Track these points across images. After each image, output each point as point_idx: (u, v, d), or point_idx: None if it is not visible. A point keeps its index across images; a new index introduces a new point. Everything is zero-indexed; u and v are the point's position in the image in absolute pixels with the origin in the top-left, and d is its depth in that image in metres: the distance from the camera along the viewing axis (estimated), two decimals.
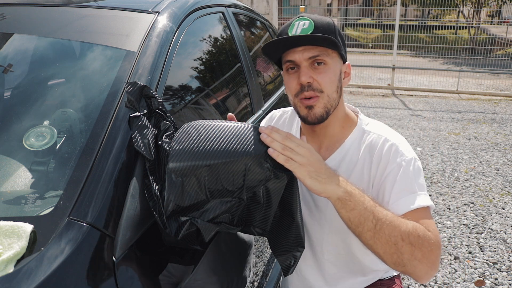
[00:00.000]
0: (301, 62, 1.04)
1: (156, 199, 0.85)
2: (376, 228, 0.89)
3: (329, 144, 1.15)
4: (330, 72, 1.05)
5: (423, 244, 0.89)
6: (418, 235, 0.90)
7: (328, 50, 1.04)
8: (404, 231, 0.89)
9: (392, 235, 0.88)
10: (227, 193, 0.85)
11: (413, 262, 0.89)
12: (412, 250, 0.89)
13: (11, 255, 0.69)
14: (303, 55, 1.03)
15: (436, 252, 0.91)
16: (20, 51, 1.25)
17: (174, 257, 0.94)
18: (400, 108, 7.00)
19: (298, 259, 0.98)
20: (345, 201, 0.89)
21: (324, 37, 0.99)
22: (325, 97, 1.04)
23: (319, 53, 1.03)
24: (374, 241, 0.89)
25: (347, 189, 0.89)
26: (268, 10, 8.12)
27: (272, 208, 0.90)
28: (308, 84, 1.03)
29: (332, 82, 1.05)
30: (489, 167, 4.24)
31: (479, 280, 2.46)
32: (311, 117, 1.06)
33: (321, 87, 1.04)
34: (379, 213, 0.90)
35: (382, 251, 0.90)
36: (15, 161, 0.94)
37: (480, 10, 12.55)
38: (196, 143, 0.83)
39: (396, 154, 1.04)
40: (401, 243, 0.88)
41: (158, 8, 1.26)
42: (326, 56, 1.04)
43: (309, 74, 1.03)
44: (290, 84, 1.08)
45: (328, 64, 1.04)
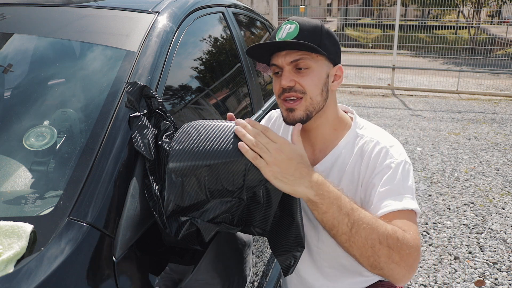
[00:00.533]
0: (283, 66, 1.04)
1: (156, 199, 0.85)
2: (351, 232, 0.87)
3: (322, 146, 1.15)
4: (314, 76, 1.04)
5: (402, 247, 0.87)
6: (397, 238, 0.88)
7: (311, 54, 1.04)
8: (382, 233, 0.87)
9: (369, 238, 0.86)
10: (227, 193, 0.85)
11: (391, 265, 0.87)
12: (389, 253, 0.87)
13: (11, 255, 0.69)
14: (285, 59, 1.04)
15: (414, 255, 0.89)
16: (20, 51, 1.25)
17: (174, 257, 0.94)
18: (400, 108, 7.00)
19: (298, 259, 0.98)
20: (316, 203, 0.87)
21: (300, 43, 0.99)
22: (308, 99, 1.04)
23: (300, 56, 1.03)
24: (349, 244, 0.88)
25: (319, 192, 0.86)
26: (268, 10, 8.12)
27: (272, 208, 0.90)
28: (289, 87, 1.04)
29: (315, 85, 1.04)
30: (489, 167, 4.24)
31: (479, 280, 2.46)
32: (289, 118, 1.06)
33: (304, 89, 1.04)
34: (355, 216, 0.87)
35: (358, 253, 0.88)
36: (15, 161, 0.94)
37: (480, 10, 12.55)
38: (196, 143, 0.83)
39: (386, 156, 1.04)
40: (378, 246, 0.86)
41: (158, 8, 1.26)
42: (309, 60, 1.03)
43: (291, 78, 1.03)
44: (274, 87, 1.09)
45: (311, 67, 1.04)
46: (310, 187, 0.86)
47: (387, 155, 1.04)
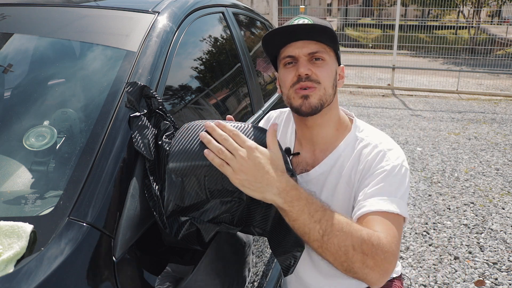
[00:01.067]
0: (300, 56, 1.05)
1: (156, 199, 0.85)
2: (323, 239, 0.85)
3: (323, 147, 1.14)
4: (328, 68, 1.06)
5: (376, 252, 0.86)
6: (371, 243, 0.86)
7: (326, 48, 1.06)
8: (357, 239, 0.86)
9: (342, 244, 0.85)
10: (227, 193, 0.85)
11: (365, 270, 0.86)
12: (363, 258, 0.86)
13: (11, 255, 0.69)
14: (302, 50, 1.05)
15: (389, 260, 0.88)
16: (20, 51, 1.25)
17: (174, 257, 0.94)
18: (400, 108, 7.00)
19: (298, 259, 0.98)
20: (285, 211, 0.85)
21: (324, 27, 1.01)
22: (322, 89, 1.05)
23: (318, 49, 1.05)
24: (322, 250, 0.86)
25: (288, 199, 0.84)
26: (268, 10, 8.12)
27: (272, 208, 0.90)
28: (306, 75, 1.04)
29: (329, 77, 1.07)
30: (489, 167, 4.24)
31: (479, 280, 2.46)
32: (305, 106, 1.05)
33: (319, 79, 1.05)
34: (327, 223, 0.86)
35: (331, 259, 0.87)
36: (15, 161, 0.94)
37: (480, 10, 12.55)
38: (196, 143, 0.83)
39: (382, 159, 1.03)
40: (352, 252, 0.85)
41: (158, 8, 1.26)
42: (325, 54, 1.06)
43: (308, 67, 1.04)
44: (286, 77, 1.08)
45: (326, 60, 1.06)
46: (277, 194, 0.84)
47: (383, 158, 1.03)
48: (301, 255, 0.98)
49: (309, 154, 1.16)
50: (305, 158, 1.17)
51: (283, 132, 1.28)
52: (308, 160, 1.16)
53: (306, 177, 1.14)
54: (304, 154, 1.17)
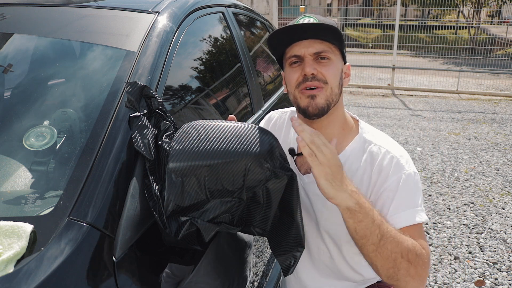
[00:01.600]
0: (305, 56, 1.04)
1: (156, 199, 0.85)
2: (380, 243, 0.90)
3: None
4: (334, 67, 1.06)
5: (418, 262, 0.92)
6: (416, 253, 0.92)
7: (332, 47, 1.05)
8: (405, 248, 0.91)
9: (393, 251, 0.90)
10: (227, 193, 0.85)
11: (407, 278, 0.91)
12: (408, 267, 0.91)
13: (11, 255, 0.69)
14: (308, 49, 1.04)
15: (427, 270, 0.94)
16: (20, 51, 1.25)
17: (174, 257, 0.94)
18: (400, 108, 7.00)
19: (298, 259, 0.98)
20: (355, 212, 0.89)
21: (330, 26, 1.01)
22: (328, 89, 1.04)
23: (324, 49, 1.04)
24: (375, 255, 0.90)
25: (359, 201, 0.89)
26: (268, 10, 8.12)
27: (272, 208, 0.90)
28: (312, 75, 1.03)
29: (335, 76, 1.06)
30: (489, 167, 4.24)
31: (479, 280, 2.46)
32: (312, 107, 1.04)
33: (326, 78, 1.04)
34: (385, 228, 0.91)
35: (380, 264, 0.91)
36: (15, 161, 0.94)
37: (480, 10, 12.55)
38: (196, 143, 0.83)
39: (397, 167, 1.04)
40: (400, 259, 0.90)
41: (158, 8, 1.26)
42: (331, 53, 1.05)
43: (314, 66, 1.03)
44: (292, 76, 1.07)
45: (332, 59, 1.05)
46: (351, 195, 0.88)
47: (398, 166, 1.04)
48: (301, 255, 0.98)
49: None
50: None
51: (286, 132, 1.27)
52: None
53: (312, 177, 1.14)
54: None
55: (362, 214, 0.89)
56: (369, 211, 0.90)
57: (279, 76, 2.54)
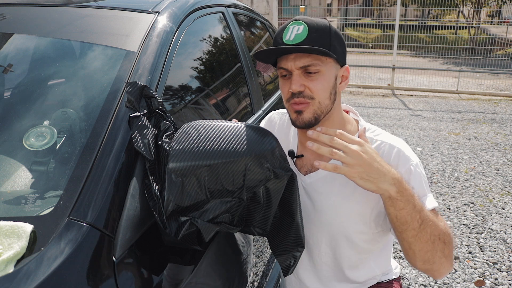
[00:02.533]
0: (293, 70, 1.02)
1: (156, 199, 0.85)
2: (420, 228, 0.92)
3: None
4: (323, 80, 1.03)
5: (451, 242, 0.97)
6: (449, 234, 0.97)
7: (321, 58, 1.02)
8: (441, 230, 0.95)
9: (432, 234, 0.94)
10: (227, 193, 0.85)
11: (442, 259, 0.96)
12: (443, 248, 0.95)
13: (11, 255, 0.69)
14: (294, 63, 1.01)
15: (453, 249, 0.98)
16: (20, 51, 1.25)
17: (174, 257, 0.94)
18: (400, 108, 7.00)
19: (298, 259, 0.98)
20: (396, 200, 0.90)
21: (313, 49, 0.98)
22: (316, 104, 1.03)
23: (311, 62, 1.00)
24: (415, 239, 0.93)
25: (400, 188, 0.90)
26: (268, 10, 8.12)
27: (272, 208, 0.90)
28: (299, 92, 1.02)
29: (324, 90, 1.03)
30: (489, 167, 4.24)
31: (479, 280, 2.46)
32: (299, 121, 1.05)
33: (313, 94, 1.02)
34: (425, 213, 0.93)
35: (418, 248, 0.94)
36: (15, 161, 0.94)
37: (480, 10, 12.55)
38: (196, 143, 0.83)
39: (404, 159, 1.05)
40: (437, 241, 0.94)
41: (158, 8, 1.26)
42: (319, 65, 1.01)
43: (300, 82, 1.02)
44: (282, 90, 1.08)
45: (321, 71, 1.02)
46: (392, 184, 0.90)
47: (405, 158, 1.06)
48: (300, 255, 0.98)
49: (313, 155, 1.15)
50: (310, 159, 1.16)
51: (285, 133, 1.27)
52: (312, 161, 1.15)
53: (314, 176, 1.14)
54: (308, 156, 1.17)
55: (404, 201, 0.90)
56: (410, 197, 0.91)
57: None
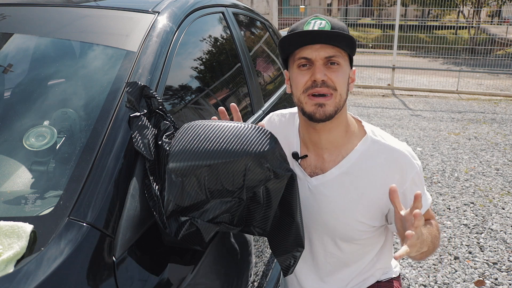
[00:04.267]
0: (316, 60, 1.03)
1: (156, 199, 0.85)
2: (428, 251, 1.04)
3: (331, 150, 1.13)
4: (343, 73, 1.05)
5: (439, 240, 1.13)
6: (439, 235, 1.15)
7: (342, 52, 1.04)
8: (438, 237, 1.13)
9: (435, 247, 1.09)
10: (227, 193, 0.85)
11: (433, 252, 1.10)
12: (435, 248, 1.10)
13: (11, 255, 0.69)
14: (319, 53, 1.02)
15: None
16: (20, 51, 1.25)
17: (174, 257, 0.94)
18: (400, 108, 7.00)
19: (297, 259, 0.98)
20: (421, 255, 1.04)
21: (346, 35, 1.00)
22: (338, 96, 1.04)
23: (335, 53, 1.03)
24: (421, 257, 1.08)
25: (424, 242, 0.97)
26: (268, 10, 8.12)
27: (272, 208, 0.90)
28: (323, 81, 1.02)
29: (344, 83, 1.05)
30: (489, 167, 4.24)
31: (479, 280, 2.46)
32: (319, 113, 1.04)
33: (335, 85, 1.03)
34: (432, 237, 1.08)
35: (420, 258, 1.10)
36: (15, 161, 0.94)
37: (480, 10, 12.54)
38: (196, 143, 0.83)
39: (410, 165, 1.10)
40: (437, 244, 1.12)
41: (158, 8, 1.26)
42: (341, 58, 1.04)
43: (324, 72, 1.02)
44: (300, 80, 1.06)
45: (342, 65, 1.04)
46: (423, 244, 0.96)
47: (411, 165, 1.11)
48: (300, 255, 0.98)
49: (316, 157, 1.15)
50: (313, 161, 1.16)
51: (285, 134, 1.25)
52: (316, 162, 1.15)
53: (321, 178, 1.13)
54: (311, 156, 1.16)
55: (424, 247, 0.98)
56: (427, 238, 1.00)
57: (279, 76, 2.53)
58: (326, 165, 1.13)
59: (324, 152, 1.14)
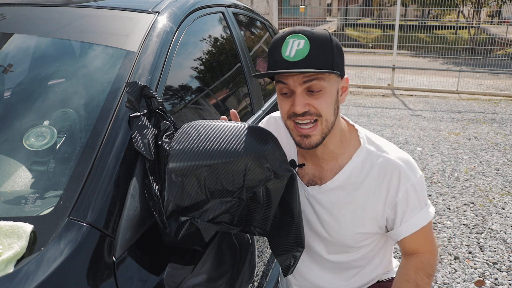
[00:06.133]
0: (295, 87, 0.96)
1: (156, 199, 0.85)
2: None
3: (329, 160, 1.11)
4: (327, 96, 0.97)
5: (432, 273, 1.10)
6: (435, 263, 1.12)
7: (324, 73, 0.96)
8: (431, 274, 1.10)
9: None
10: (227, 193, 0.85)
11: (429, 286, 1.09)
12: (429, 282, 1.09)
13: (11, 255, 0.69)
14: (298, 80, 0.95)
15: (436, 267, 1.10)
16: (20, 51, 1.25)
17: (174, 257, 0.94)
18: (400, 108, 7.00)
19: (297, 259, 0.98)
20: None
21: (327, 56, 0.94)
22: (323, 122, 0.99)
23: (314, 77, 0.95)
24: None
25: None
26: (268, 10, 8.12)
27: (272, 208, 0.90)
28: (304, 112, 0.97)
29: (329, 106, 0.98)
30: (489, 167, 4.24)
31: (479, 280, 2.46)
32: (305, 144, 1.01)
33: (319, 111, 0.97)
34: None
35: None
36: (15, 161, 0.94)
37: (480, 10, 12.54)
38: (196, 143, 0.83)
39: (405, 177, 1.06)
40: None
41: (158, 8, 1.26)
42: (322, 81, 0.96)
43: (304, 102, 0.96)
44: (283, 107, 1.01)
45: (325, 88, 0.97)
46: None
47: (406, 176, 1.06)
48: (300, 255, 0.98)
49: (314, 166, 1.14)
50: (311, 169, 1.15)
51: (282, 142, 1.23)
52: (314, 172, 1.14)
53: (318, 189, 1.13)
54: (309, 166, 1.15)
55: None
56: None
57: None
58: (324, 174, 1.12)
59: (322, 162, 1.12)
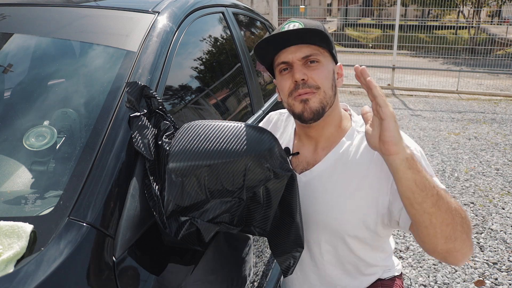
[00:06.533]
0: (294, 61, 1.04)
1: (156, 199, 0.85)
2: (438, 195, 0.86)
3: (325, 145, 1.14)
4: (324, 69, 1.05)
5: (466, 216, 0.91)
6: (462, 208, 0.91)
7: (320, 49, 1.05)
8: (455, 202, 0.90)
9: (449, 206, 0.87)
10: (227, 193, 0.85)
11: (463, 235, 0.88)
12: (462, 222, 0.88)
13: (11, 255, 0.69)
14: (295, 55, 1.04)
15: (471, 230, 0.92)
16: (20, 51, 1.25)
17: (174, 257, 0.94)
18: (400, 108, 7.00)
19: (297, 259, 0.98)
20: (413, 161, 0.86)
21: (314, 30, 1.00)
22: (322, 93, 1.04)
23: (312, 52, 1.03)
24: (435, 209, 0.86)
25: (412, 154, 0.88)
26: (268, 10, 8.12)
27: (272, 208, 0.90)
28: (303, 81, 1.03)
29: (327, 78, 1.05)
30: (489, 167, 4.24)
31: (479, 280, 2.46)
32: (307, 111, 1.04)
33: (317, 83, 1.03)
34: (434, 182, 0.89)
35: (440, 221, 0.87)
36: (15, 161, 0.94)
37: (480, 10, 12.55)
38: (196, 143, 0.83)
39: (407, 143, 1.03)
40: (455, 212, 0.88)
41: (158, 8, 1.26)
42: (319, 55, 1.04)
43: (303, 72, 1.03)
44: (283, 84, 1.07)
45: (322, 62, 1.05)
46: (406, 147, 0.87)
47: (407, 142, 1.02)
48: (300, 255, 0.98)
49: (310, 153, 1.16)
50: (306, 157, 1.17)
51: (282, 132, 1.27)
52: (308, 159, 1.16)
53: (309, 174, 1.13)
54: (305, 153, 1.17)
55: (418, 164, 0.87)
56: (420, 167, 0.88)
57: None
58: (317, 160, 1.14)
59: (318, 148, 1.15)
